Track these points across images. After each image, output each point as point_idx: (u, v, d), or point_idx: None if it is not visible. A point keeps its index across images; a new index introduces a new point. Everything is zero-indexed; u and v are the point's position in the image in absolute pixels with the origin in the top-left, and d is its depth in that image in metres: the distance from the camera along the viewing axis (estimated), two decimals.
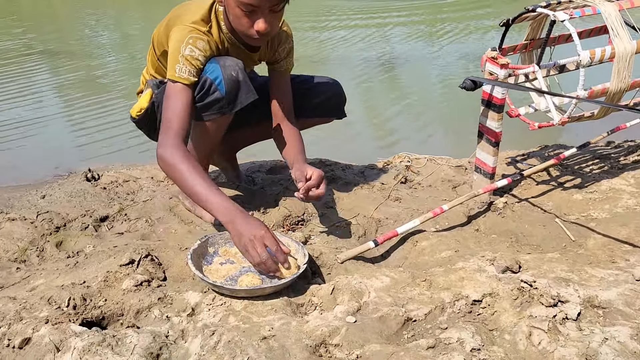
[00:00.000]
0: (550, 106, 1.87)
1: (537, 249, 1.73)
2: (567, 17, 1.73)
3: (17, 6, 9.91)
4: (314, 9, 7.58)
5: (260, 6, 1.58)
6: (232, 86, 1.68)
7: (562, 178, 2.17)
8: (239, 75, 1.68)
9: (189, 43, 1.65)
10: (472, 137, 3.33)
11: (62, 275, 1.61)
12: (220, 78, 1.67)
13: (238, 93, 1.70)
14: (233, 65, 1.69)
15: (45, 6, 9.79)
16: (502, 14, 7.34)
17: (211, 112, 1.72)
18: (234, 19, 1.65)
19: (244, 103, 1.73)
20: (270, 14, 1.62)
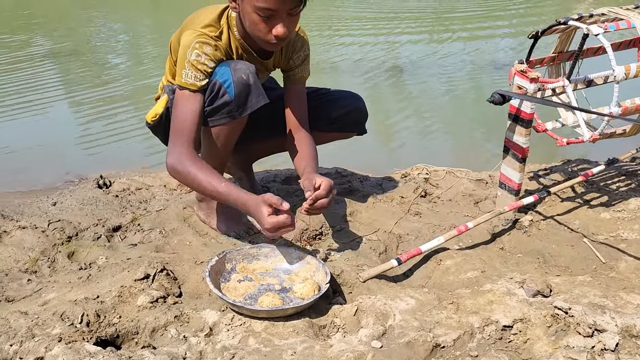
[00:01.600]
0: (581, 122, 1.81)
1: (566, 270, 1.67)
2: (602, 31, 1.67)
3: (29, 8, 9.93)
4: (322, 16, 7.56)
5: (278, 10, 1.54)
6: (242, 89, 1.63)
7: (587, 195, 2.11)
8: (249, 79, 1.64)
9: (195, 48, 1.62)
10: (487, 147, 3.33)
11: (75, 288, 1.56)
12: (230, 81, 1.62)
13: (248, 96, 1.65)
14: (244, 69, 1.64)
15: (57, 8, 9.81)
16: (513, 25, 7.30)
17: (220, 116, 1.67)
18: (250, 25, 1.60)
19: (255, 107, 1.67)
20: (288, 18, 1.57)
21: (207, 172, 1.61)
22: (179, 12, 9.32)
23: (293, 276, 1.57)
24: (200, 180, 1.60)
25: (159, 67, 4.89)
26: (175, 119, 1.65)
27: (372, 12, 8.30)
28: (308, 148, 1.82)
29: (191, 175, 1.60)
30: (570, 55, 2.04)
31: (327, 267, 1.54)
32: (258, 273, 1.58)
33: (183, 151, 1.61)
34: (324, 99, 1.96)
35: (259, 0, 1.52)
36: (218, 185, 1.59)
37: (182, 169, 1.61)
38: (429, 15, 8.01)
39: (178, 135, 1.63)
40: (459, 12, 8.44)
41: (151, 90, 4.23)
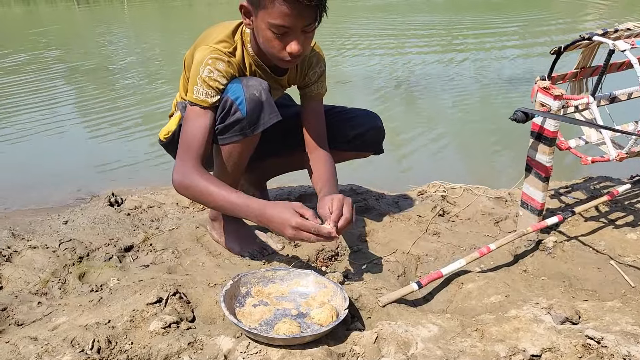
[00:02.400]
0: (607, 140, 1.75)
1: (593, 295, 1.60)
2: (629, 47, 1.62)
3: (41, 22, 10.02)
4: (333, 31, 7.57)
5: (292, 27, 1.50)
6: (254, 107, 1.59)
7: (612, 214, 2.04)
8: (262, 96, 1.59)
9: (208, 64, 1.58)
10: (503, 163, 3.27)
11: (86, 312, 1.52)
12: (242, 98, 1.58)
13: (260, 114, 1.61)
14: (256, 85, 1.60)
15: (69, 23, 9.90)
16: (524, 39, 7.25)
17: (232, 134, 1.63)
18: (264, 42, 1.56)
19: (267, 124, 1.63)
20: (302, 35, 1.53)
21: (217, 184, 1.56)
22: (193, 30, 9.39)
23: (310, 300, 1.51)
24: (211, 192, 1.55)
25: (172, 85, 4.89)
26: (184, 135, 1.62)
27: (381, 28, 8.31)
28: (325, 167, 1.77)
29: (200, 188, 1.56)
30: (593, 71, 1.99)
31: (345, 291, 1.49)
32: (274, 297, 1.52)
33: (191, 166, 1.57)
34: (341, 117, 1.92)
35: (273, 17, 1.48)
36: (229, 195, 1.53)
37: (190, 183, 1.57)
38: (438, 31, 8.00)
39: (186, 151, 1.59)
40: (468, 27, 8.43)
41: (164, 108, 4.23)
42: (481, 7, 11.98)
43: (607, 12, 10.23)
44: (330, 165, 1.81)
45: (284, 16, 1.46)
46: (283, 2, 1.44)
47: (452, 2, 12.96)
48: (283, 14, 1.46)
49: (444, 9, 11.82)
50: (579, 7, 11.65)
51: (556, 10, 11.34)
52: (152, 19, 11.51)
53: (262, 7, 1.48)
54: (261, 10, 1.49)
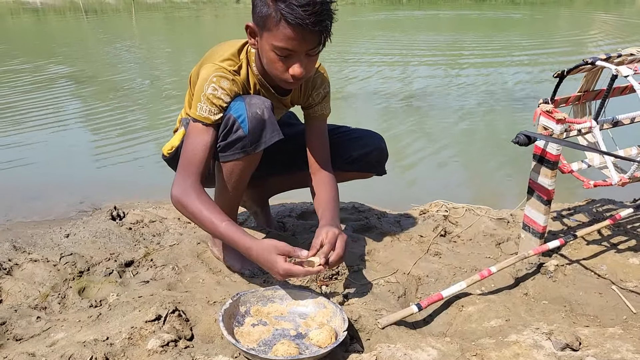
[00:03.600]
0: (609, 165, 1.75)
1: (595, 320, 1.59)
2: (631, 73, 1.62)
3: (49, 34, 10.11)
4: (337, 46, 7.62)
5: (296, 50, 1.51)
6: (257, 125, 1.60)
7: (614, 238, 2.03)
8: (264, 114, 1.60)
9: (212, 82, 1.59)
10: (505, 182, 3.26)
11: (85, 328, 1.51)
12: (244, 116, 1.59)
13: (262, 132, 1.62)
14: (259, 104, 1.61)
15: (77, 35, 9.98)
16: (528, 57, 7.28)
17: (234, 152, 1.63)
18: (268, 63, 1.57)
19: (268, 143, 1.64)
20: (306, 58, 1.54)
21: (210, 209, 1.56)
22: (200, 44, 9.46)
23: (309, 321, 1.51)
24: (203, 217, 1.56)
25: (179, 99, 4.93)
26: (185, 151, 1.62)
27: (386, 47, 8.36)
28: (327, 192, 1.78)
29: (193, 210, 1.57)
30: (596, 95, 1.99)
31: (344, 312, 1.48)
32: (273, 317, 1.52)
33: (190, 184, 1.58)
34: (345, 138, 1.93)
35: (277, 40, 1.49)
36: (219, 225, 1.54)
37: (187, 202, 1.57)
38: (443, 49, 8.04)
39: (186, 167, 1.60)
40: (473, 45, 8.47)
41: (170, 122, 4.26)
42: (485, 25, 12.05)
43: (612, 31, 10.27)
44: (333, 189, 1.81)
45: (288, 39, 1.47)
46: (287, 26, 1.45)
47: (457, 21, 13.05)
48: (287, 37, 1.47)
49: (448, 27, 11.90)
50: (585, 24, 11.70)
51: (562, 29, 11.39)
52: (160, 30, 11.60)
53: (267, 29, 1.49)
54: (266, 32, 1.50)
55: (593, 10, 15.74)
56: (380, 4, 18.51)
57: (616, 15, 14.21)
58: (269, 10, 1.46)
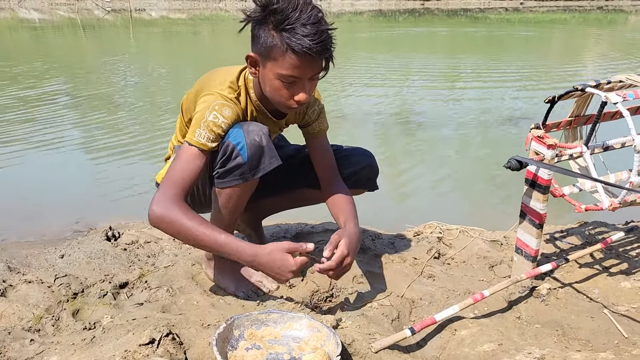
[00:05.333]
0: (600, 190, 1.77)
1: (586, 345, 1.60)
2: (620, 100, 1.65)
3: (46, 53, 10.16)
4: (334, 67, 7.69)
5: (301, 77, 1.55)
6: (255, 152, 1.62)
7: (606, 262, 2.05)
8: (262, 141, 1.62)
9: (215, 109, 1.61)
10: (499, 204, 3.29)
11: (78, 352, 1.51)
12: (243, 143, 1.61)
13: (261, 159, 1.64)
14: (257, 131, 1.63)
15: (74, 53, 10.03)
16: (523, 79, 7.36)
17: (233, 178, 1.65)
18: (271, 90, 1.60)
19: (267, 169, 1.66)
20: (309, 83, 1.59)
21: (204, 223, 1.56)
22: (196, 58, 9.52)
23: (303, 345, 1.51)
24: (197, 232, 1.53)
25: (173, 116, 4.95)
26: (173, 170, 1.60)
27: (382, 66, 8.43)
28: (344, 200, 1.84)
29: (184, 225, 1.53)
30: (587, 119, 2.02)
31: (338, 336, 1.49)
32: (266, 340, 1.52)
33: (175, 201, 1.55)
34: (336, 156, 1.95)
35: (283, 68, 1.52)
36: (218, 236, 1.55)
37: (173, 218, 1.53)
38: (439, 69, 8.13)
39: (172, 185, 1.57)
40: (469, 66, 8.56)
41: (165, 141, 4.27)
42: (481, 46, 12.17)
43: (607, 50, 10.39)
44: (350, 197, 1.87)
45: (294, 67, 1.52)
46: (294, 54, 1.49)
47: (453, 41, 13.18)
48: (293, 65, 1.51)
49: (444, 48, 12.02)
50: (579, 44, 11.83)
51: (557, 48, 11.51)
52: (157, 46, 11.67)
53: (272, 59, 1.53)
54: (270, 62, 1.54)
55: (587, 28, 15.95)
56: (376, 22, 18.71)
57: (610, 32, 14.39)
58: (274, 41, 1.50)
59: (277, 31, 1.50)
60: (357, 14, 21.19)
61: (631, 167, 1.82)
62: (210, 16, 20.06)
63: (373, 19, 19.83)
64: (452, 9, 23.74)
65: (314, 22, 1.49)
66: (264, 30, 1.52)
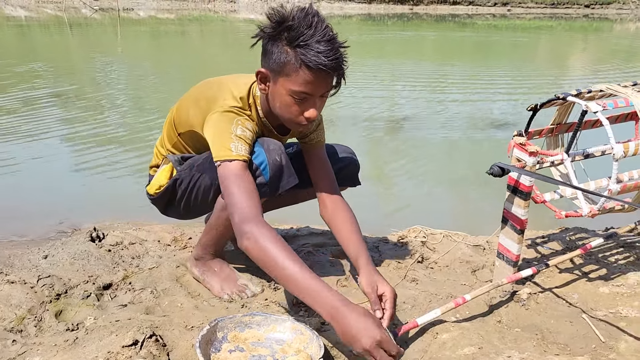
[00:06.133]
0: (580, 197, 1.81)
1: (565, 349, 1.63)
2: (600, 109, 1.69)
3: (33, 49, 10.07)
4: None
5: (314, 94, 1.55)
6: (276, 172, 1.66)
7: (586, 267, 2.09)
8: (282, 160, 1.66)
9: (239, 124, 1.62)
10: (483, 208, 3.32)
11: (60, 352, 1.51)
12: (266, 163, 1.63)
13: (281, 178, 1.68)
14: (277, 149, 1.66)
15: (62, 53, 9.95)
16: (509, 85, 7.44)
17: None
18: (282, 107, 1.60)
19: (285, 187, 1.70)
20: (319, 100, 1.59)
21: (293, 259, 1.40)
22: (183, 58, 9.49)
23: (286, 347, 1.52)
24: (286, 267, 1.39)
25: (159, 117, 4.94)
26: (234, 196, 1.50)
27: (371, 70, 8.47)
28: (351, 226, 1.81)
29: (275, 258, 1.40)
30: (568, 127, 2.06)
31: (321, 339, 1.50)
32: (250, 343, 1.53)
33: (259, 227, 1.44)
34: None
35: (296, 85, 1.52)
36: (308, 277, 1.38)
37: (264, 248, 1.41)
38: (427, 74, 8.18)
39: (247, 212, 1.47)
40: (456, 71, 8.63)
41: (149, 140, 4.26)
42: (468, 51, 12.27)
43: (591, 60, 10.53)
44: (355, 220, 1.84)
45: (307, 84, 1.51)
46: (308, 70, 1.49)
47: (440, 46, 13.27)
48: (307, 81, 1.51)
49: (432, 52, 12.10)
50: (565, 50, 11.98)
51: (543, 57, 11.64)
52: (145, 46, 11.61)
53: (284, 75, 1.52)
54: (283, 77, 1.53)
55: (573, 35, 16.14)
56: (365, 25, 18.79)
57: (596, 40, 14.58)
58: (287, 57, 1.50)
59: (292, 47, 1.49)
60: (346, 18, 21.26)
61: (610, 175, 1.86)
62: (199, 17, 20.01)
63: (362, 22, 19.91)
64: (440, 14, 23.92)
65: (328, 40, 1.49)
66: (277, 46, 1.52)
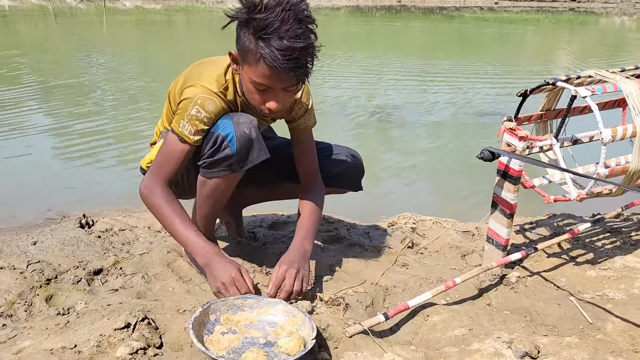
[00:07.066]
0: (568, 181, 1.83)
1: (553, 330, 1.66)
2: (589, 94, 1.70)
3: (17, 39, 9.92)
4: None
5: (273, 87, 1.54)
6: (244, 144, 1.62)
7: (573, 252, 2.12)
8: (251, 133, 1.63)
9: (197, 103, 1.61)
10: (471, 196, 3.35)
11: (52, 336, 1.51)
12: (232, 135, 1.61)
13: (250, 151, 1.64)
14: (247, 123, 1.63)
15: (45, 38, 9.81)
16: (496, 75, 7.48)
17: (221, 169, 1.65)
18: (246, 92, 1.61)
19: (255, 162, 1.67)
20: (282, 93, 1.57)
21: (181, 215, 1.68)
22: (170, 48, 9.42)
23: (278, 329, 1.53)
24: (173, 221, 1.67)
25: (147, 107, 4.90)
26: (161, 156, 1.69)
27: (358, 62, 8.46)
28: (308, 213, 1.85)
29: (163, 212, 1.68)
30: (557, 113, 2.08)
31: (313, 321, 1.51)
32: (242, 325, 1.54)
33: (160, 186, 1.68)
34: (323, 155, 1.96)
35: (255, 75, 1.51)
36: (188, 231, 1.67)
37: (155, 203, 1.68)
38: (414, 65, 8.19)
39: (159, 170, 1.69)
40: (442, 64, 8.65)
41: (138, 130, 4.23)
42: (456, 43, 12.30)
43: (577, 52, 10.62)
44: (317, 208, 1.86)
45: (265, 77, 1.50)
46: (265, 64, 1.47)
47: (428, 38, 13.29)
48: (264, 75, 1.50)
49: (419, 44, 12.11)
50: (551, 43, 12.06)
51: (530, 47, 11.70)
52: (130, 36, 11.50)
53: (247, 62, 1.52)
54: (246, 65, 1.53)
55: (559, 28, 16.25)
56: (352, 17, 18.75)
57: (581, 33, 14.70)
58: (250, 45, 1.49)
59: (255, 37, 1.47)
60: (334, 10, 21.19)
61: (598, 161, 1.89)
62: (185, 7, 19.83)
63: (350, 14, 19.86)
64: (428, 6, 23.93)
65: (291, 37, 1.44)
66: (244, 33, 1.50)
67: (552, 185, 2.01)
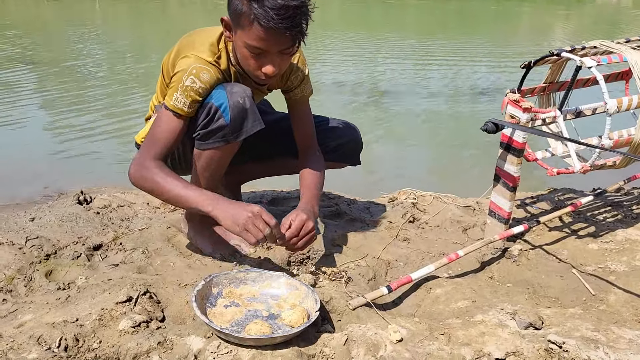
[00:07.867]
0: (572, 153, 1.81)
1: (556, 302, 1.66)
2: (595, 64, 1.68)
3: (8, 16, 9.77)
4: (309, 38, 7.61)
5: (269, 50, 1.51)
6: (238, 114, 1.59)
7: (575, 225, 2.11)
8: (245, 103, 1.60)
9: (192, 73, 1.57)
10: (470, 171, 3.34)
11: (53, 310, 1.49)
12: (226, 105, 1.58)
13: (244, 121, 1.61)
14: (240, 92, 1.60)
15: (36, 18, 9.68)
16: (491, 53, 7.42)
17: (215, 140, 1.63)
18: (241, 59, 1.57)
19: (250, 132, 1.64)
20: (279, 56, 1.54)
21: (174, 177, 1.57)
22: (164, 28, 9.30)
23: (281, 302, 1.52)
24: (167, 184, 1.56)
25: (141, 83, 4.85)
26: (153, 132, 1.63)
27: (354, 41, 8.38)
28: (309, 173, 1.82)
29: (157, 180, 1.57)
30: (560, 86, 2.06)
31: (316, 294, 1.50)
32: (245, 298, 1.53)
33: (151, 160, 1.59)
34: (321, 128, 1.94)
35: (249, 39, 1.48)
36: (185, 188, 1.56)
37: (147, 174, 1.57)
38: (410, 44, 8.12)
39: (150, 147, 1.61)
40: (439, 42, 8.58)
41: (133, 106, 4.19)
42: (453, 21, 12.20)
43: (573, 30, 10.55)
44: (316, 172, 1.84)
45: (260, 40, 1.47)
46: (260, 27, 1.44)
47: (425, 16, 13.17)
48: (259, 37, 1.46)
49: (416, 22, 12.01)
50: (548, 24, 11.97)
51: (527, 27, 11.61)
52: (123, 15, 11.35)
53: (240, 27, 1.49)
54: (239, 29, 1.50)
55: (555, 7, 16.13)
56: None
57: (578, 11, 14.60)
58: (243, 8, 1.45)
59: (248, 0, 1.44)
60: None
61: (601, 134, 1.87)
62: None
63: None
64: None
65: None
66: None
67: (555, 159, 2.00)
